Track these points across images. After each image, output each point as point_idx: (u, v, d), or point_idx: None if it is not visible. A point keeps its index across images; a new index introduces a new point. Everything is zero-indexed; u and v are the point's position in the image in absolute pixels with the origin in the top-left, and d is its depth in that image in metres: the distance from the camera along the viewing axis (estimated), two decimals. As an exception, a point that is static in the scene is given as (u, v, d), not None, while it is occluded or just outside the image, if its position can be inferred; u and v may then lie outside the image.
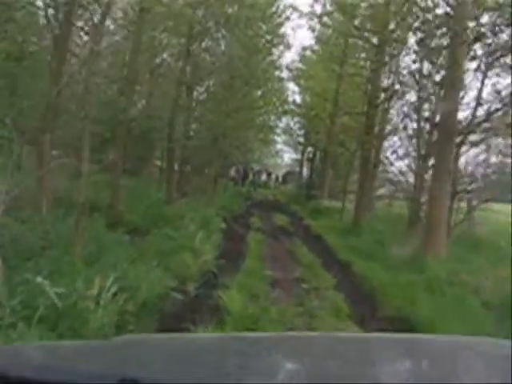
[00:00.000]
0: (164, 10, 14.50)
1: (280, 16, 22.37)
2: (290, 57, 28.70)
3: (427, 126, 15.00)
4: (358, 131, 19.34)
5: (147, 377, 1.41)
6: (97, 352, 1.76)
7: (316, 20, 20.81)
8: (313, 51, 25.37)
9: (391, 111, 18.97)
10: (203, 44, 18.63)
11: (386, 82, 17.91)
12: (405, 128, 16.12)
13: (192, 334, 4.54)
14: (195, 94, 20.71)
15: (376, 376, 1.67)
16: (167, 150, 17.23)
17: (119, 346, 1.88)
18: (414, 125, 16.32)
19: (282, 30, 22.76)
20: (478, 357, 1.94)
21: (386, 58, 16.57)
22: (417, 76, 16.17)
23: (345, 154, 23.11)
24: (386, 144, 19.06)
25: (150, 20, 14.56)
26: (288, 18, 22.09)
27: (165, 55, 20.64)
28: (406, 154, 16.57)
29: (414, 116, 17.37)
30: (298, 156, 39.99)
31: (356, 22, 17.42)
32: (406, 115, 17.71)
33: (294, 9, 20.74)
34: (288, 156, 61.66)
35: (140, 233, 10.87)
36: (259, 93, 24.64)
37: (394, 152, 17.81)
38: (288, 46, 23.37)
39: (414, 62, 15.68)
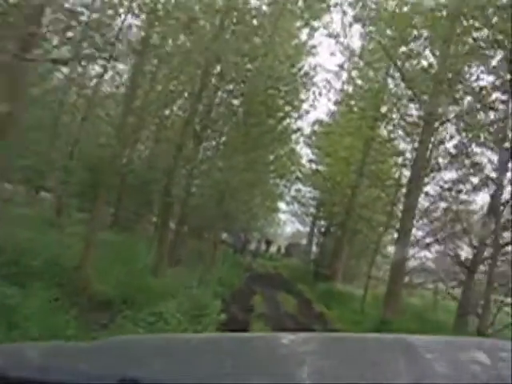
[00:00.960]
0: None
1: (305, 75, 20.30)
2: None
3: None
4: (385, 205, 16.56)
5: (147, 377, 1.42)
6: (97, 352, 1.74)
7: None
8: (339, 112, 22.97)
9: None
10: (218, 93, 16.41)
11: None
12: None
13: (191, 334, 4.71)
14: (204, 144, 18.47)
15: (375, 376, 1.63)
16: (163, 204, 14.32)
17: (119, 346, 1.86)
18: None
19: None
20: (477, 357, 1.96)
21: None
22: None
23: (365, 232, 20.25)
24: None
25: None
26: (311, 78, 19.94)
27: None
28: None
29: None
30: (302, 227, 37.11)
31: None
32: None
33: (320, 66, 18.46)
34: (291, 227, 58.40)
35: (106, 312, 7.83)
36: (271, 157, 22.06)
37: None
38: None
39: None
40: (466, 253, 13.47)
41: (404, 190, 17.46)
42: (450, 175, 15.85)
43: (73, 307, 7.04)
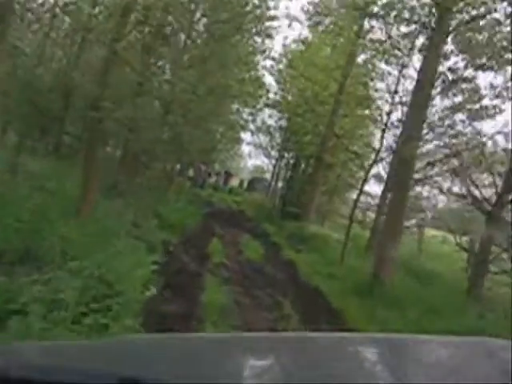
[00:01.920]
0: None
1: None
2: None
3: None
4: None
5: (147, 377, 1.41)
6: (97, 352, 1.71)
7: None
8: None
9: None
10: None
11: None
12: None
13: (192, 334, 4.31)
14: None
15: (376, 376, 1.66)
16: (89, 121, 11.01)
17: (119, 346, 1.83)
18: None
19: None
20: (477, 357, 1.99)
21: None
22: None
23: (346, 164, 17.57)
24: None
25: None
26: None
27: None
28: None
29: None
30: (267, 161, 34.39)
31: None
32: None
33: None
34: (254, 160, 55.98)
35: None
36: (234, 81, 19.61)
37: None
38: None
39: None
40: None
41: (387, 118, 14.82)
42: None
43: None
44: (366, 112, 17.98)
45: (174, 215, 12.86)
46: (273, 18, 18.75)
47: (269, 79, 45.31)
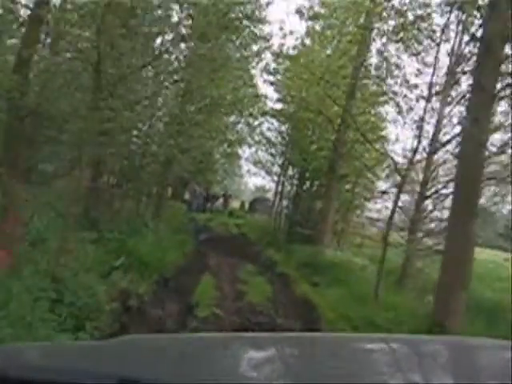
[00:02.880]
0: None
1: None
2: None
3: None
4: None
5: (147, 377, 1.41)
6: (97, 352, 1.73)
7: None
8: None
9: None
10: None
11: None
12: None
13: (192, 334, 4.30)
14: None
15: (376, 376, 1.64)
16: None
17: (119, 346, 1.83)
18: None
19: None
20: (478, 357, 2.01)
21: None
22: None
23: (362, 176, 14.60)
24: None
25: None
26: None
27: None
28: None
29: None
30: (269, 179, 31.51)
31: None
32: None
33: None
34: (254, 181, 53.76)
35: None
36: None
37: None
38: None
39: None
40: None
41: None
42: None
43: None
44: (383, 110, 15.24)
45: (151, 249, 9.74)
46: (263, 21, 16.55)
47: (265, 88, 42.78)
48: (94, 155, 13.22)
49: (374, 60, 14.76)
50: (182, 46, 16.83)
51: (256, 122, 23.78)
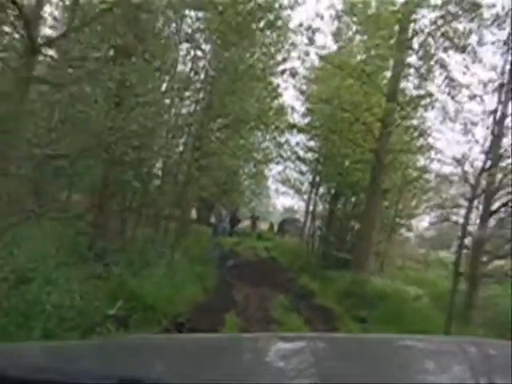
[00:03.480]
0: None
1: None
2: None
3: None
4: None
5: (147, 377, 1.40)
6: (97, 352, 1.75)
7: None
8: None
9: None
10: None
11: None
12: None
13: (192, 334, 4.27)
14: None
15: (376, 376, 1.60)
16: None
17: (119, 346, 1.85)
18: None
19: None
20: (478, 357, 1.98)
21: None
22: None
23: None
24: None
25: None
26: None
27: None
28: None
29: None
30: (298, 198, 29.73)
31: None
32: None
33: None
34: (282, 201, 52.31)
35: None
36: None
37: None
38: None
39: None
40: None
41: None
42: None
43: None
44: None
45: (161, 287, 7.93)
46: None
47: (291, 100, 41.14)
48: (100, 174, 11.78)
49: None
50: (199, 54, 15.57)
51: (283, 139, 22.17)
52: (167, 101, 13.52)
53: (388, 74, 13.68)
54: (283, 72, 18.71)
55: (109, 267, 9.19)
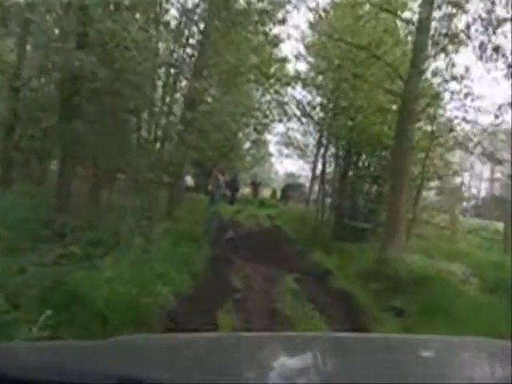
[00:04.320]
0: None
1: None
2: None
3: None
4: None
5: (147, 377, 1.40)
6: (97, 352, 1.73)
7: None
8: None
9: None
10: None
11: None
12: None
13: (192, 334, 3.81)
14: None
15: (376, 376, 1.59)
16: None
17: (119, 346, 1.84)
18: None
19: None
20: (477, 357, 1.98)
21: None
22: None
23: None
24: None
25: None
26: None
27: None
28: None
29: None
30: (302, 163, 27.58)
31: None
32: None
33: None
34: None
35: None
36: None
37: None
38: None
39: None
40: None
41: None
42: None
43: None
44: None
45: (119, 284, 5.37)
46: None
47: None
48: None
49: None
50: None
51: (286, 97, 19.79)
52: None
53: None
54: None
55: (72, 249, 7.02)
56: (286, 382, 1.53)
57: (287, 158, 27.96)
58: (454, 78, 10.65)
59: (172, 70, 13.69)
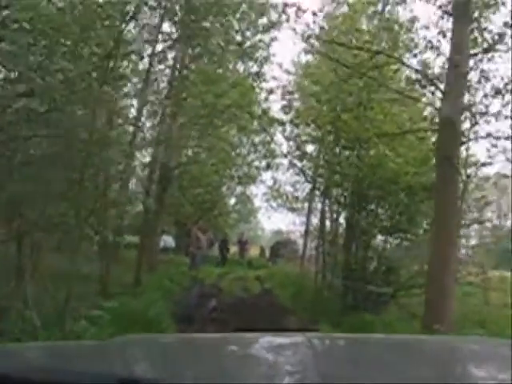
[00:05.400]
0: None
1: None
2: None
3: None
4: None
5: (147, 377, 1.40)
6: (97, 352, 1.73)
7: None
8: None
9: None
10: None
11: None
12: None
13: (192, 334, 4.14)
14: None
15: (376, 376, 1.57)
16: None
17: (119, 346, 1.85)
18: None
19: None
20: (477, 357, 1.93)
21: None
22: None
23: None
24: None
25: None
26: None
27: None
28: None
29: None
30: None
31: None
32: None
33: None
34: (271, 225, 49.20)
35: None
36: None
37: None
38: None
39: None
40: None
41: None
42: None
43: None
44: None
45: None
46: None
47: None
48: None
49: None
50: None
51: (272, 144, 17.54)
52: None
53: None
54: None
55: None
56: (285, 382, 1.49)
57: (276, 211, 25.48)
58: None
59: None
